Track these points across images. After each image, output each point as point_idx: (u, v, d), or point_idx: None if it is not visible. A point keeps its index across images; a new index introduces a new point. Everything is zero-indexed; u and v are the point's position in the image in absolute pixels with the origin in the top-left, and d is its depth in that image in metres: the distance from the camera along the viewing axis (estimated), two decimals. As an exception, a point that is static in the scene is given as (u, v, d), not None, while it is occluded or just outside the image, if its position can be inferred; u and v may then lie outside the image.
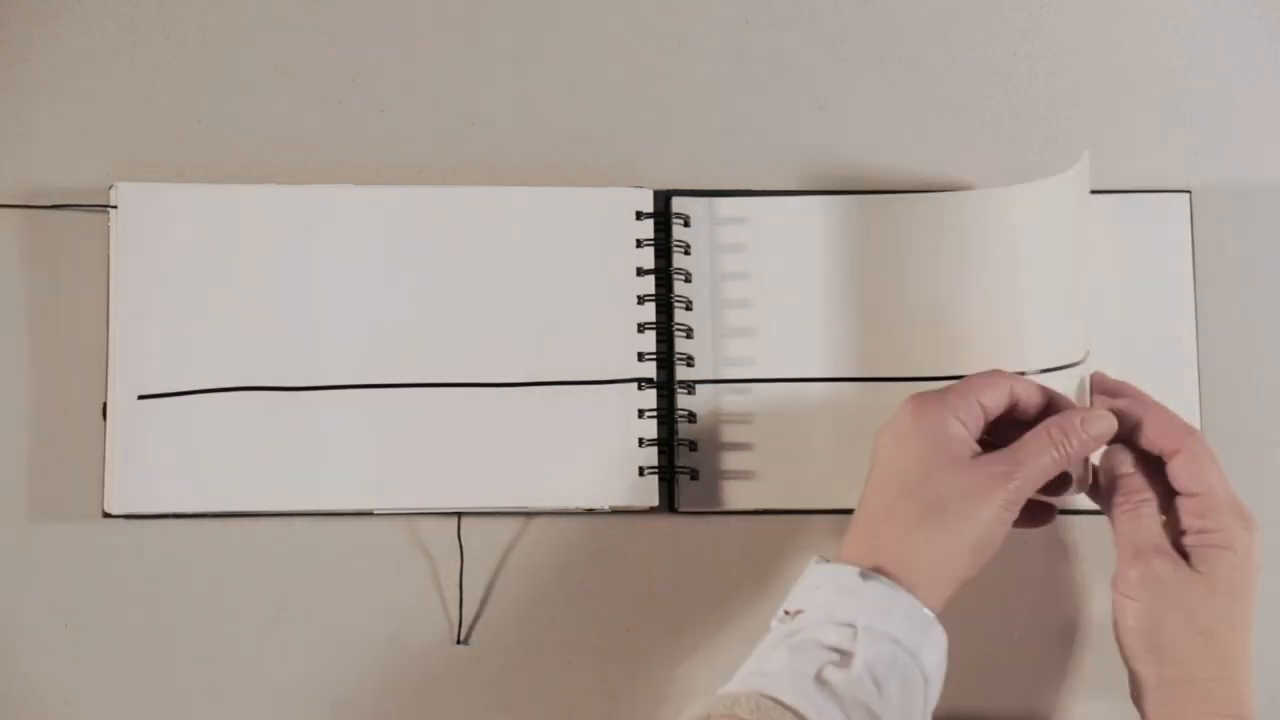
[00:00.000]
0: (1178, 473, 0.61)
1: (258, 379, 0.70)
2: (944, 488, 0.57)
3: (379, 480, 0.70)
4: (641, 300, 0.72)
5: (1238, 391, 0.73)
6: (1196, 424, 0.71)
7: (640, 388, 0.71)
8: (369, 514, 0.70)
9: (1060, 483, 0.61)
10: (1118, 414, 0.61)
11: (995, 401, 0.60)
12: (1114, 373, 0.70)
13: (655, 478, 0.70)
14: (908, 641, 0.55)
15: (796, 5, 0.76)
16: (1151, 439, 0.62)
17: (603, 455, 0.70)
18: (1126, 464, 0.62)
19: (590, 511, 0.71)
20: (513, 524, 0.71)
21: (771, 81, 0.75)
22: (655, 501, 0.70)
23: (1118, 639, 0.62)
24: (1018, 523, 0.59)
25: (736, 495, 0.71)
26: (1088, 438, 0.60)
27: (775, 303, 0.73)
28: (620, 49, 0.75)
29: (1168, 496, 0.61)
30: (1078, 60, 0.76)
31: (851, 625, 0.55)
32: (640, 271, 0.72)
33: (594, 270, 0.72)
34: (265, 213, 0.71)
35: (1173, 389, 0.71)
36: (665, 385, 0.71)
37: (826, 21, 0.76)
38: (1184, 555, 0.60)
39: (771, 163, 0.75)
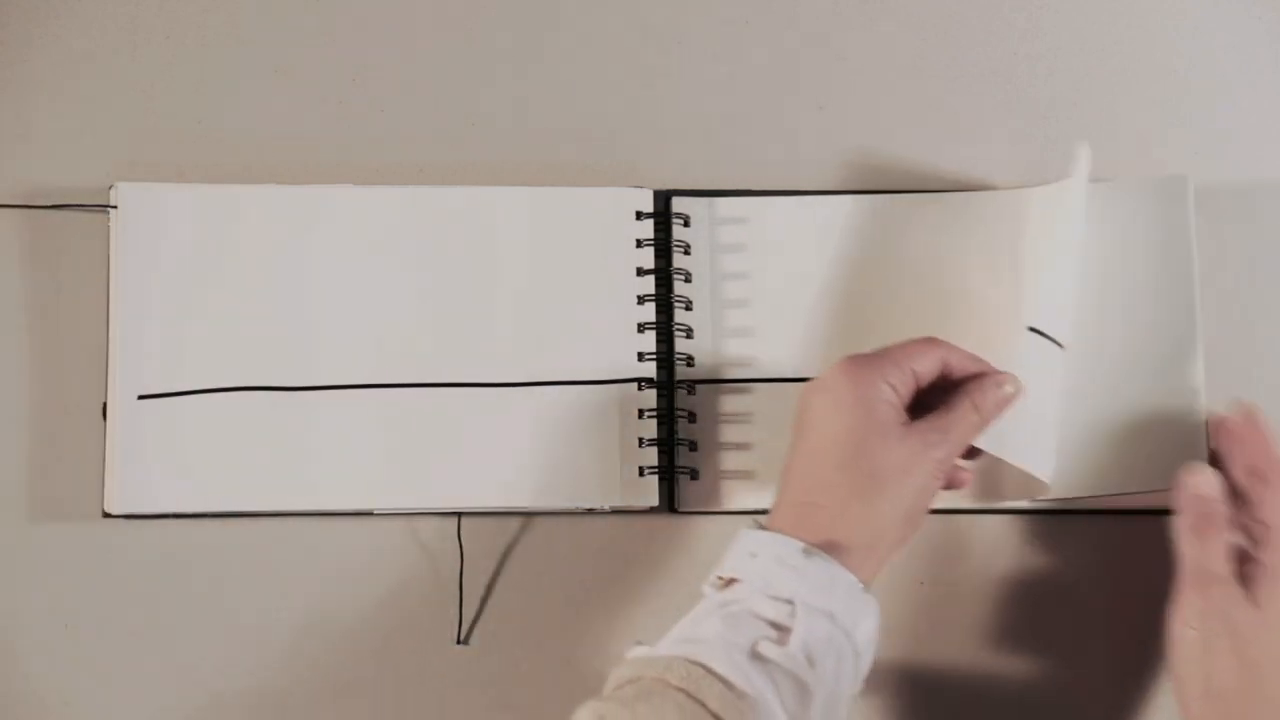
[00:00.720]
0: (1265, 505, 0.61)
1: (258, 379, 0.70)
2: (879, 459, 0.57)
3: (379, 480, 0.70)
4: (641, 300, 0.72)
5: (1241, 387, 0.73)
6: (1199, 424, 0.70)
7: (640, 388, 0.71)
8: (369, 514, 0.70)
9: (974, 448, 0.62)
10: (1227, 434, 0.64)
11: (928, 369, 0.60)
12: (1115, 368, 0.71)
13: (655, 478, 0.70)
14: (844, 619, 0.55)
15: (796, 5, 0.76)
16: (1243, 466, 0.63)
17: (603, 455, 0.70)
18: (1208, 486, 0.63)
19: (590, 511, 0.71)
20: (513, 524, 0.71)
21: (771, 81, 0.75)
22: (655, 501, 0.70)
23: (1173, 669, 0.62)
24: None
25: (736, 495, 0.71)
26: (999, 399, 0.61)
27: (775, 303, 0.73)
28: (620, 49, 0.75)
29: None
30: (1078, 60, 0.76)
31: (790, 602, 0.55)
32: (640, 271, 0.72)
33: (594, 270, 0.72)
34: (265, 213, 0.71)
35: (1173, 386, 0.71)
36: (665, 385, 0.71)
37: (826, 21, 0.76)
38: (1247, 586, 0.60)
39: (771, 163, 0.75)
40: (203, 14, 0.74)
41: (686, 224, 0.73)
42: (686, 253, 0.72)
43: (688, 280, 0.72)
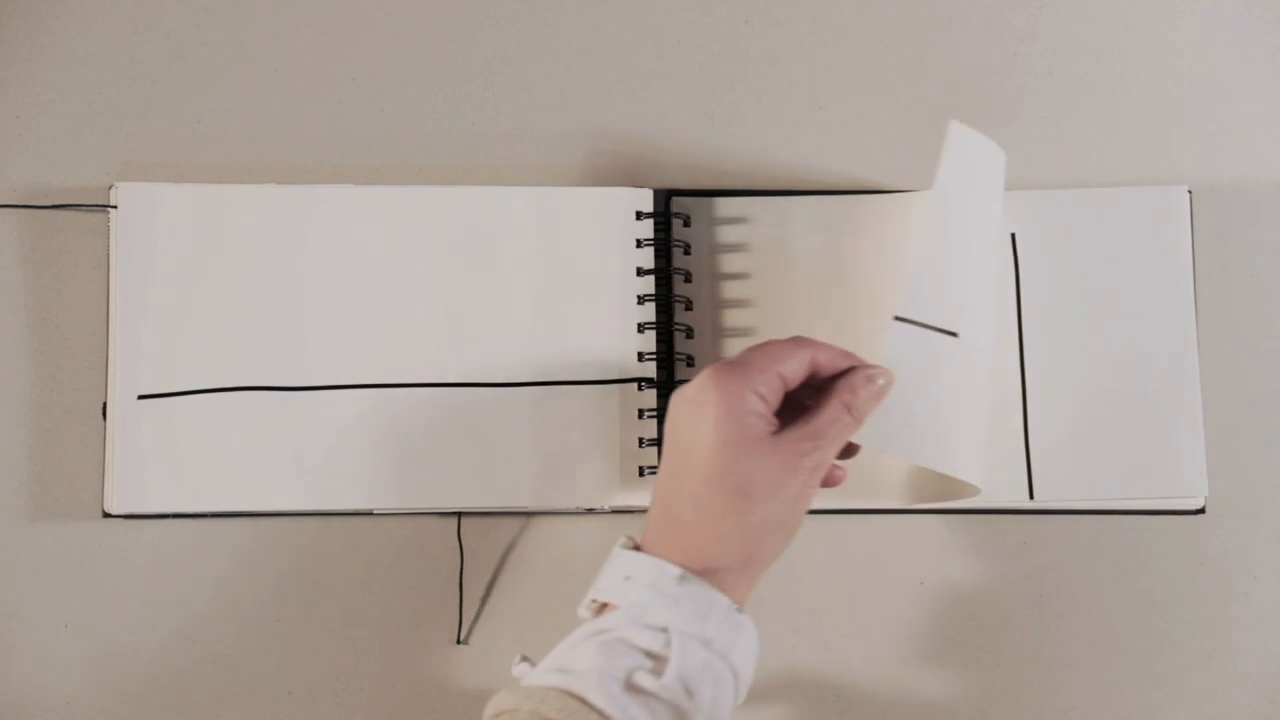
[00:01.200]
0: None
1: (257, 379, 0.70)
2: (750, 471, 0.55)
3: (379, 480, 0.70)
4: (641, 300, 0.72)
5: (1240, 387, 0.73)
6: (1199, 424, 0.71)
7: (640, 388, 0.71)
8: (369, 514, 0.70)
9: (851, 445, 0.61)
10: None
11: (795, 371, 0.58)
12: (1114, 371, 0.71)
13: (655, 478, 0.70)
14: (720, 643, 0.54)
15: (796, 5, 0.76)
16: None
17: (603, 455, 0.70)
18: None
19: (590, 511, 0.71)
20: (513, 524, 0.71)
21: (771, 81, 0.75)
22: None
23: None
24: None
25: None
26: (870, 394, 0.59)
27: (775, 303, 0.73)
28: (620, 49, 0.75)
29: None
30: (1078, 60, 0.76)
31: (665, 630, 0.54)
32: (640, 271, 0.72)
33: (594, 270, 0.72)
34: (265, 213, 0.71)
35: (1173, 387, 0.71)
36: (665, 385, 0.71)
37: (825, 21, 0.76)
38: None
39: (771, 163, 0.75)
40: (203, 14, 0.74)
41: (686, 224, 0.73)
42: (686, 252, 0.72)
43: (688, 280, 0.72)
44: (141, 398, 0.69)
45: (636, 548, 0.57)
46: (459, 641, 0.70)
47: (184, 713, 0.69)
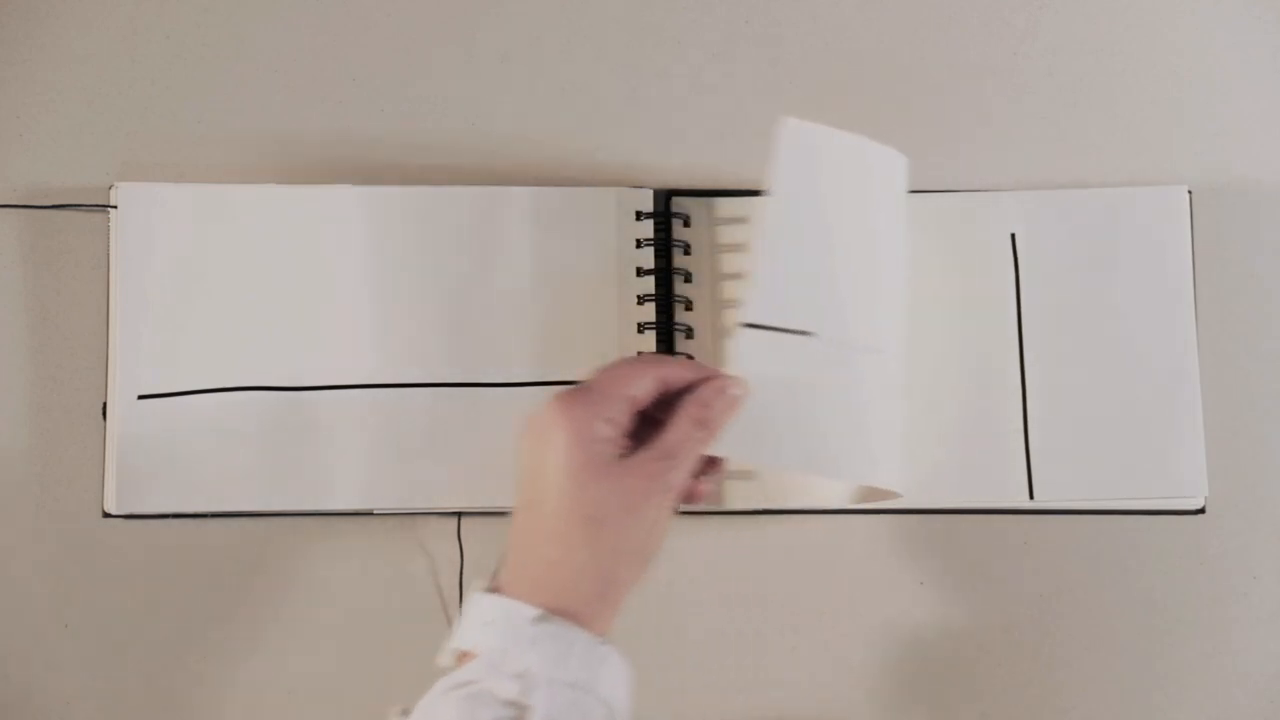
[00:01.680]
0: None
1: (257, 379, 0.70)
2: (601, 500, 0.53)
3: (379, 480, 0.70)
4: (642, 300, 0.71)
5: (1240, 387, 0.73)
6: (1199, 424, 0.71)
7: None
8: (369, 514, 0.70)
9: (714, 459, 0.59)
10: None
11: (645, 392, 0.56)
12: (1113, 372, 0.71)
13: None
14: (586, 679, 0.52)
15: (796, 5, 0.76)
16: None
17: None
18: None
19: (590, 511, 0.71)
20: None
21: (771, 81, 0.75)
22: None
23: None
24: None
25: (736, 495, 0.71)
26: (723, 406, 0.57)
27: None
28: (620, 49, 0.75)
29: None
30: (1078, 60, 0.76)
31: (526, 676, 0.52)
32: (640, 272, 0.72)
33: (594, 270, 0.72)
34: (265, 213, 0.71)
35: (1173, 386, 0.71)
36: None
37: (826, 21, 0.76)
38: None
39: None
40: (203, 14, 0.74)
41: (686, 224, 0.73)
42: (686, 252, 0.72)
43: (688, 280, 0.72)
44: (141, 398, 0.69)
45: (497, 589, 0.54)
46: (459, 641, 0.70)
47: (184, 713, 0.69)
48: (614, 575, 0.54)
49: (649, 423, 0.56)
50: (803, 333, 0.61)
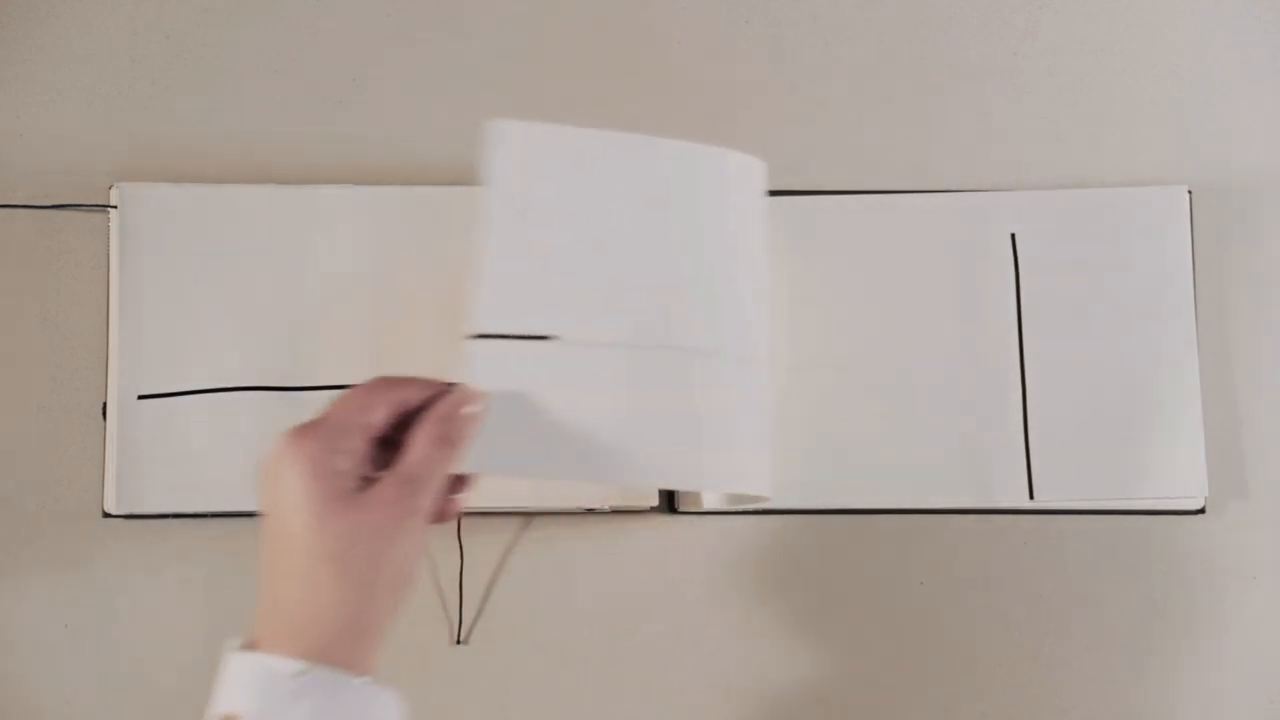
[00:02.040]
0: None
1: (257, 379, 0.70)
2: (345, 536, 0.51)
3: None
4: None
5: (1239, 388, 0.73)
6: (1199, 424, 0.71)
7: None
8: (369, 514, 0.70)
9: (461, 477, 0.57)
10: None
11: (380, 417, 0.54)
12: (1114, 372, 0.71)
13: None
14: None
15: (796, 5, 0.76)
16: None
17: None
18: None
19: (590, 511, 0.71)
20: (513, 524, 0.71)
21: (772, 81, 0.75)
22: (655, 501, 0.70)
23: None
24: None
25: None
26: (463, 423, 0.55)
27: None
28: (620, 49, 0.75)
29: None
30: (1078, 60, 0.76)
31: None
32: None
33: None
34: (265, 213, 0.71)
35: (1173, 387, 0.71)
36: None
37: (825, 21, 0.76)
38: None
39: (772, 163, 0.75)
40: (203, 14, 0.74)
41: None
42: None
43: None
44: (141, 398, 0.69)
45: (252, 645, 0.52)
46: (459, 641, 0.70)
47: (183, 713, 0.69)
48: (370, 611, 0.52)
49: (392, 446, 0.54)
50: (541, 337, 0.60)
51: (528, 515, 0.71)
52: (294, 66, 0.74)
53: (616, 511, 0.71)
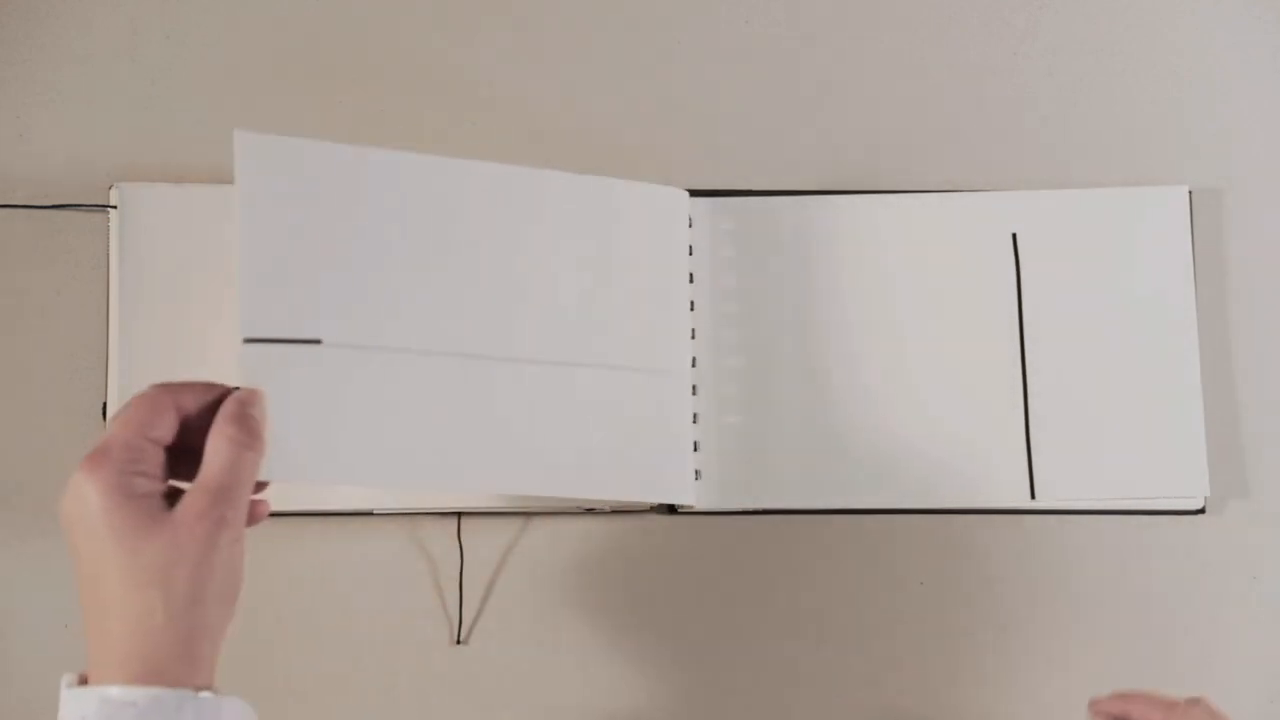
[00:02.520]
0: None
1: (257, 379, 0.70)
2: (160, 557, 0.50)
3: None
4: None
5: (1239, 388, 0.73)
6: (1199, 423, 0.71)
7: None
8: (369, 514, 0.70)
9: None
10: (1109, 713, 0.60)
11: (166, 428, 0.52)
12: (1114, 372, 0.71)
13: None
14: None
15: (796, 5, 0.76)
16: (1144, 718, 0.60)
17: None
18: None
19: (590, 511, 0.71)
20: (513, 524, 0.71)
21: (771, 81, 0.75)
22: (655, 501, 0.70)
23: None
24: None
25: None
26: (256, 418, 0.54)
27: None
28: (619, 50, 0.75)
29: None
30: (1078, 60, 0.76)
31: None
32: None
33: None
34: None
35: (1173, 387, 0.71)
36: (665, 385, 0.71)
37: (826, 21, 0.76)
38: None
39: (772, 163, 0.75)
40: (203, 14, 0.74)
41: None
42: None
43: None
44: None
45: (85, 679, 0.50)
46: (459, 641, 0.70)
47: (184, 713, 0.69)
48: (200, 627, 0.50)
49: (184, 454, 0.53)
50: (311, 341, 0.61)
51: (528, 515, 0.71)
52: (294, 66, 0.74)
53: (616, 511, 0.71)
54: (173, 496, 0.51)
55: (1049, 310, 0.72)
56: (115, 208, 0.71)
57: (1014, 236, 0.73)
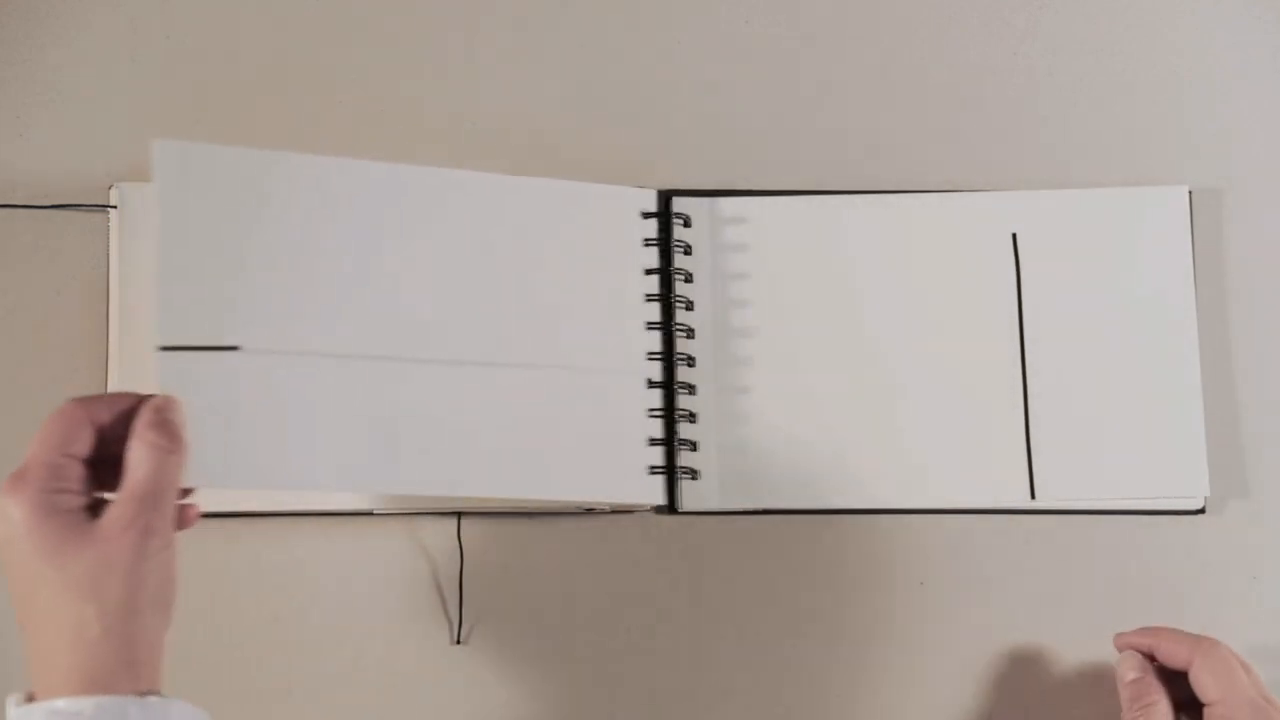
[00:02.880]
0: (1196, 684, 0.62)
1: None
2: (90, 571, 0.50)
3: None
4: (647, 299, 0.71)
5: (1239, 388, 0.73)
6: (1199, 423, 0.71)
7: (647, 386, 0.71)
8: (369, 514, 0.70)
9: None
10: (1136, 646, 0.65)
11: (82, 443, 0.53)
12: (1113, 373, 0.71)
13: (663, 476, 0.70)
14: None
15: (796, 5, 0.76)
16: (1167, 659, 0.64)
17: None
18: (1132, 670, 0.64)
19: (590, 511, 0.71)
20: (513, 524, 0.71)
21: (771, 81, 0.75)
22: (661, 500, 0.70)
23: None
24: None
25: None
26: (175, 422, 0.54)
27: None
28: (620, 49, 0.75)
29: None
30: (1078, 60, 0.76)
31: None
32: (645, 271, 0.71)
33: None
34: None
35: (1173, 386, 0.71)
36: (666, 385, 0.71)
37: (826, 21, 0.76)
38: None
39: (771, 163, 0.75)
40: (203, 14, 0.74)
41: (687, 224, 0.73)
42: (687, 253, 0.72)
43: (688, 280, 0.72)
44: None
45: (31, 696, 0.51)
46: (459, 641, 0.70)
47: (184, 713, 0.69)
48: (139, 635, 0.51)
49: (104, 466, 0.53)
50: (229, 348, 0.62)
51: (528, 515, 0.71)
52: (294, 66, 0.74)
53: (616, 511, 0.71)
54: (98, 509, 0.51)
55: (1049, 311, 0.72)
56: (115, 208, 0.71)
57: (1014, 236, 0.73)
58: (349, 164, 0.67)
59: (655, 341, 0.71)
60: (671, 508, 0.71)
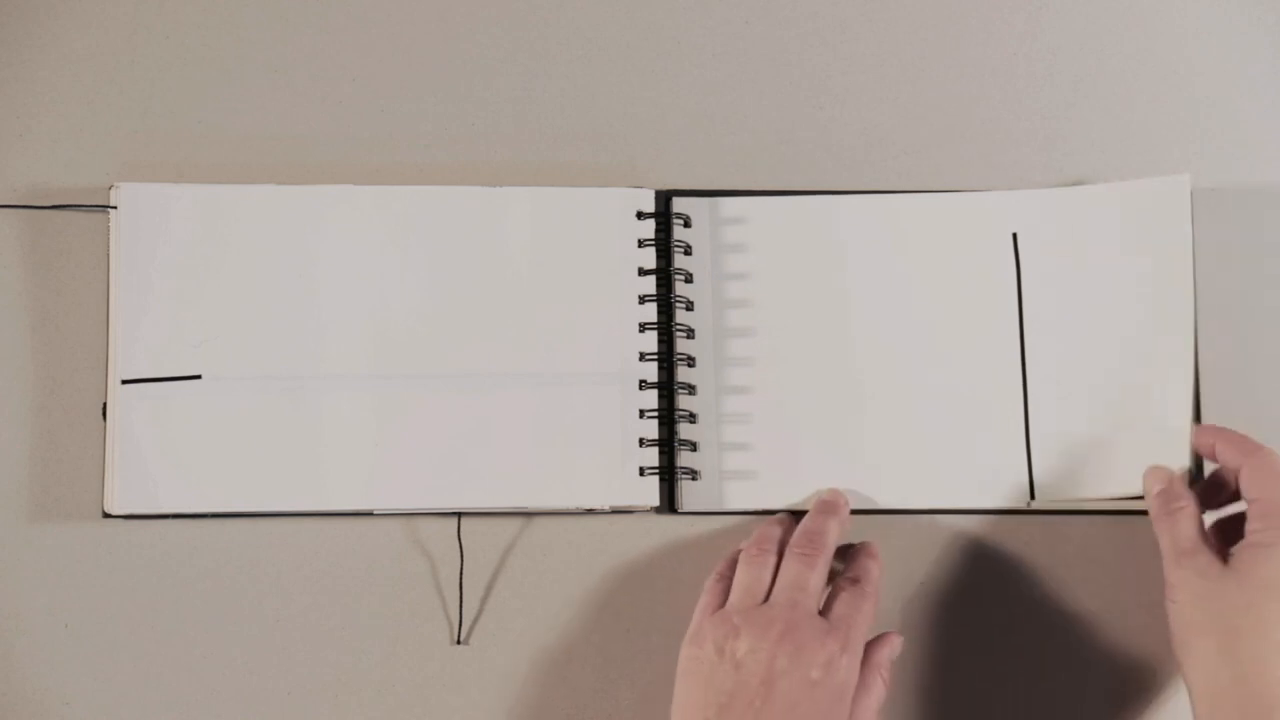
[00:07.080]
0: (1242, 483, 0.63)
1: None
2: None
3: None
4: (643, 300, 0.71)
5: (1239, 388, 0.73)
6: (1192, 418, 0.71)
7: (641, 388, 0.71)
8: (369, 514, 0.70)
9: None
10: (1199, 445, 0.67)
11: None
12: (1112, 370, 0.71)
13: (655, 478, 0.70)
14: None
15: (796, 5, 0.76)
16: (1223, 459, 0.65)
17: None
18: (1158, 483, 0.66)
19: (590, 511, 0.71)
20: (513, 524, 0.71)
21: (771, 81, 0.75)
22: (655, 502, 0.70)
23: (1172, 647, 0.63)
24: None
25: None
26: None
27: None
28: (620, 49, 0.75)
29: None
30: (1078, 60, 0.76)
31: None
32: (641, 272, 0.72)
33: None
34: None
35: (1173, 386, 0.71)
36: (666, 385, 0.71)
37: (826, 21, 0.76)
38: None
39: (771, 163, 0.75)
40: (203, 14, 0.74)
41: (687, 224, 0.73)
42: (687, 253, 0.72)
43: (688, 281, 0.72)
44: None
45: None
46: (459, 641, 0.70)
47: (183, 713, 0.69)
48: None
49: None
50: (190, 377, 0.68)
51: (528, 515, 0.71)
52: (294, 66, 0.74)
53: (616, 511, 0.71)
54: None
55: (1049, 310, 0.72)
56: (115, 208, 0.71)
57: (1014, 236, 0.73)
58: (311, 190, 0.71)
59: (649, 343, 0.71)
60: (671, 508, 0.71)
